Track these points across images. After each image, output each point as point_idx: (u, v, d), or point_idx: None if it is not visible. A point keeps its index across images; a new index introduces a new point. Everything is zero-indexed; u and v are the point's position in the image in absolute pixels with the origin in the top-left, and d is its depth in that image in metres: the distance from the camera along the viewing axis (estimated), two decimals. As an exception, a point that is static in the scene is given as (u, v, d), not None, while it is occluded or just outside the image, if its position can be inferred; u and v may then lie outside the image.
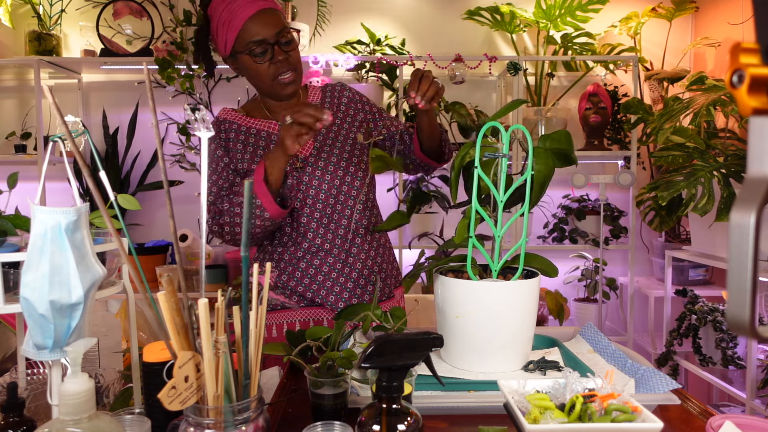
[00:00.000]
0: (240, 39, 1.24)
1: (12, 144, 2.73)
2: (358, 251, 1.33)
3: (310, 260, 1.31)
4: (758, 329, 0.32)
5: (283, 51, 1.26)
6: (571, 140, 0.98)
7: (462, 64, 2.65)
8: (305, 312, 1.32)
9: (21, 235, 0.86)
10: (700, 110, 2.01)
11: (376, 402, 0.60)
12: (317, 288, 1.31)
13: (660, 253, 2.74)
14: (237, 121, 1.36)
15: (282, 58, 1.26)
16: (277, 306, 1.33)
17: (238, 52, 1.26)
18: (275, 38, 1.25)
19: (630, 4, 2.91)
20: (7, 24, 2.71)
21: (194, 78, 2.73)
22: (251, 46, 1.24)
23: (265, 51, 1.24)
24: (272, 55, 1.25)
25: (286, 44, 1.27)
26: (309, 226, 1.31)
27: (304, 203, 1.31)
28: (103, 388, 1.01)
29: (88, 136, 0.80)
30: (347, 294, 1.31)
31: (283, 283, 1.32)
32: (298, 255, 1.32)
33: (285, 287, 1.32)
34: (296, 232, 1.32)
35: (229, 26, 1.24)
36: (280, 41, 1.25)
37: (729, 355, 2.08)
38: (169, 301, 0.55)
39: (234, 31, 1.23)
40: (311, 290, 1.31)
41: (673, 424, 0.79)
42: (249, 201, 0.59)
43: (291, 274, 1.32)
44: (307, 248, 1.31)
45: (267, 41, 1.24)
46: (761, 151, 0.32)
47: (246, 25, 1.23)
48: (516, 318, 0.89)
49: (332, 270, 1.31)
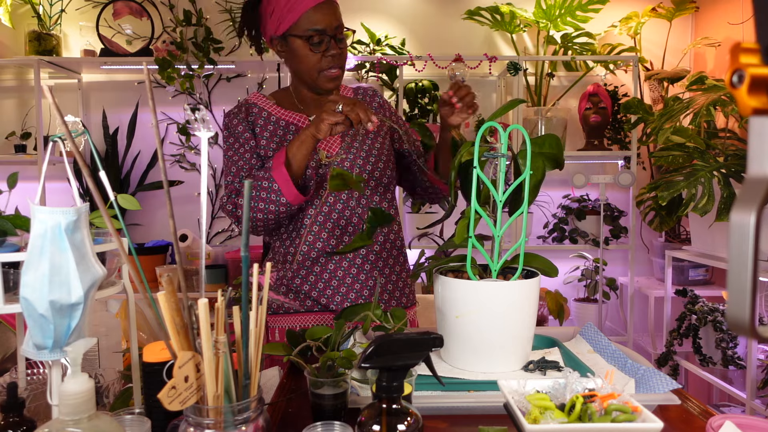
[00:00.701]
0: (300, 23, 1.23)
1: (12, 144, 2.73)
2: (376, 258, 1.30)
3: (324, 264, 1.28)
4: (758, 329, 0.32)
5: (337, 46, 1.26)
6: (561, 144, 0.99)
7: (462, 64, 2.63)
8: (315, 317, 1.30)
9: (21, 235, 0.86)
10: (700, 110, 2.01)
11: (376, 402, 0.60)
12: (331, 293, 1.28)
13: (660, 253, 2.74)
14: (267, 108, 1.35)
15: (335, 53, 1.26)
16: (279, 310, 1.31)
17: (292, 35, 1.25)
18: (333, 32, 1.25)
19: (630, 4, 2.91)
20: (7, 24, 2.71)
21: (194, 78, 2.73)
22: (311, 33, 1.23)
23: (321, 41, 1.24)
24: (327, 48, 1.25)
25: (340, 41, 1.27)
26: (324, 226, 1.28)
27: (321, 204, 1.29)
28: (103, 388, 1.01)
29: (87, 136, 0.80)
30: (362, 300, 1.28)
31: (296, 286, 1.29)
32: (311, 256, 1.28)
33: (298, 291, 1.29)
34: (311, 234, 1.28)
35: (291, 8, 1.22)
36: (336, 36, 1.26)
37: (729, 355, 2.08)
38: (169, 301, 0.55)
39: (296, 14, 1.22)
40: (325, 295, 1.28)
41: (673, 424, 0.79)
42: (249, 201, 0.59)
43: (305, 277, 1.29)
44: (321, 250, 1.28)
45: (326, 32, 1.24)
46: (761, 151, 0.32)
47: (310, 11, 1.22)
48: (516, 318, 0.89)
49: (347, 275, 1.28)
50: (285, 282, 1.31)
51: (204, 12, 2.73)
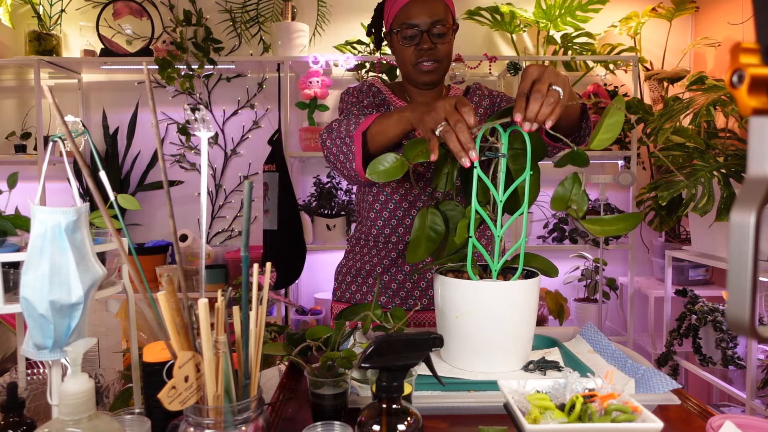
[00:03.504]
0: (397, 18, 1.26)
1: (12, 144, 2.73)
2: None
3: (394, 273, 1.33)
4: (758, 329, 0.32)
5: (431, 41, 1.25)
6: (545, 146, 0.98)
7: (462, 64, 2.65)
8: None
9: (21, 235, 0.86)
10: (700, 110, 2.01)
11: (376, 402, 0.60)
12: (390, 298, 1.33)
13: (660, 253, 2.74)
14: (384, 92, 1.39)
15: (427, 47, 1.25)
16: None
17: (392, 31, 1.28)
18: (429, 26, 1.25)
19: (630, 4, 2.91)
20: (7, 24, 2.71)
21: (194, 78, 2.73)
22: (404, 27, 1.25)
23: (414, 36, 1.25)
24: (419, 42, 1.25)
25: (438, 36, 1.26)
26: (396, 230, 1.32)
27: (407, 213, 1.32)
28: (103, 388, 1.01)
29: (88, 136, 0.80)
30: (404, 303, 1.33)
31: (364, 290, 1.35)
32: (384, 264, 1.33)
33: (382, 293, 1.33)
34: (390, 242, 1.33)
35: (394, 3, 1.27)
36: (432, 30, 1.25)
37: (729, 355, 2.08)
38: (169, 301, 0.55)
39: (395, 9, 1.26)
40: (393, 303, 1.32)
41: (673, 424, 0.79)
42: (248, 201, 0.59)
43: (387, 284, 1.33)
44: (394, 259, 1.33)
45: (419, 27, 1.24)
46: (761, 151, 0.32)
47: (406, 6, 1.25)
48: (516, 318, 0.89)
49: (407, 280, 1.32)
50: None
51: (204, 12, 2.73)
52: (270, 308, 2.70)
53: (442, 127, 0.89)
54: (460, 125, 0.87)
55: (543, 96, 0.86)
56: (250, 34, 2.90)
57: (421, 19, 1.24)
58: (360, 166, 1.10)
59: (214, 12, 2.87)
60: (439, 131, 0.89)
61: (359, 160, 1.10)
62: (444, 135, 0.89)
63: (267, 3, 2.87)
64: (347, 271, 1.40)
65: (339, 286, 1.41)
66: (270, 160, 2.56)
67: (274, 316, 2.68)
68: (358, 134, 1.09)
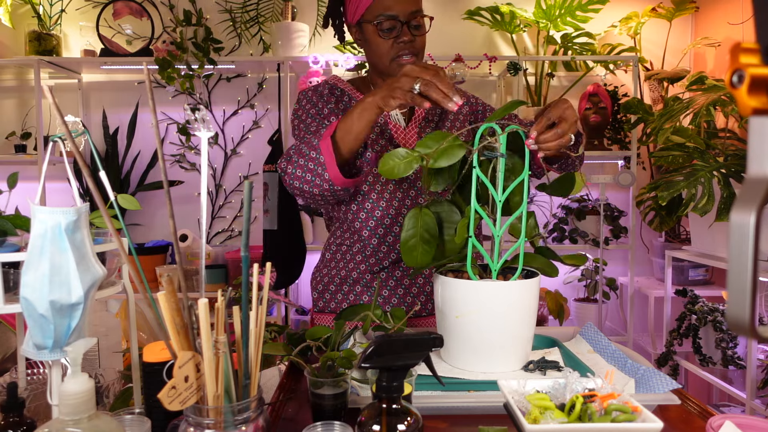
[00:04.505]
0: (372, 9, 1.19)
1: (12, 144, 2.73)
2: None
3: (385, 279, 1.28)
4: (758, 329, 0.32)
5: (410, 33, 1.20)
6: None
7: (462, 64, 2.65)
8: None
9: (21, 235, 0.86)
10: (700, 110, 2.01)
11: (376, 402, 0.60)
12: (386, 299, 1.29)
13: (660, 253, 2.74)
14: (348, 91, 1.30)
15: (407, 39, 1.20)
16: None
17: (365, 22, 1.21)
18: (408, 17, 1.19)
19: (630, 4, 2.91)
20: (7, 24, 2.71)
21: (194, 78, 2.73)
22: (381, 19, 1.19)
23: (393, 27, 1.19)
24: (398, 34, 1.20)
25: (415, 27, 1.21)
26: (385, 239, 1.27)
27: (386, 214, 1.26)
28: (103, 388, 1.01)
29: (88, 136, 0.80)
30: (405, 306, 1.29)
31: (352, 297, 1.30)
32: (375, 270, 1.28)
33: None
34: (370, 247, 1.28)
35: None
36: (410, 22, 1.20)
37: (729, 355, 2.08)
38: (169, 301, 0.55)
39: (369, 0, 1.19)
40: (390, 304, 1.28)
41: (673, 424, 0.79)
42: (248, 201, 0.59)
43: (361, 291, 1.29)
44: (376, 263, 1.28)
45: (398, 18, 1.19)
46: (761, 151, 0.32)
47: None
48: (516, 318, 0.89)
49: (398, 285, 1.28)
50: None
51: (204, 12, 2.73)
52: (270, 308, 2.70)
53: (419, 82, 0.96)
54: (437, 77, 0.95)
55: (560, 137, 0.95)
56: (250, 34, 2.90)
57: (400, 9, 1.18)
58: (337, 173, 1.07)
59: (214, 12, 2.87)
60: (418, 87, 0.96)
61: (334, 167, 1.07)
62: (425, 89, 0.95)
63: (267, 3, 2.87)
64: (329, 281, 1.34)
65: (320, 296, 1.35)
66: (270, 160, 2.56)
67: (274, 316, 2.68)
68: (326, 142, 1.07)
